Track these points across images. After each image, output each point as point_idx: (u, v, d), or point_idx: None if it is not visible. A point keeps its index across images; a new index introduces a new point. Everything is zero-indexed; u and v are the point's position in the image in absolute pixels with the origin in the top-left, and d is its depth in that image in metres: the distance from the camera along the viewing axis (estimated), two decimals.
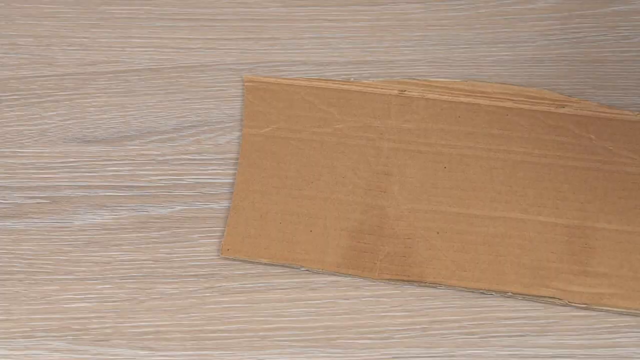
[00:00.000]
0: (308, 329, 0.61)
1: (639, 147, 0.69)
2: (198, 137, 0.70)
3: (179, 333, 0.61)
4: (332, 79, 0.71)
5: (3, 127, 0.71)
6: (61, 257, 0.64)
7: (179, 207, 0.66)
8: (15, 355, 0.60)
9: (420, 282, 0.63)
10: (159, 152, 0.69)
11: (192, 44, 0.75)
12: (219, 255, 0.64)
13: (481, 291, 0.63)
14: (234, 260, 0.64)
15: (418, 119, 0.70)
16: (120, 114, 0.71)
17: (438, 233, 0.65)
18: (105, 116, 0.71)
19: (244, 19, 0.75)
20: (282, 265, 0.64)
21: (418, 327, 0.62)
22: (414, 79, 0.73)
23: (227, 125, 0.70)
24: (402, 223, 0.65)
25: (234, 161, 0.69)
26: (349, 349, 0.61)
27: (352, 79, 0.70)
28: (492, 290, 0.62)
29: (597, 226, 0.65)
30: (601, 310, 0.62)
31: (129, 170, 0.68)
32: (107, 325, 0.62)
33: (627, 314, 0.62)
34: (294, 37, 0.73)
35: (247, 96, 0.70)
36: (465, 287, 0.63)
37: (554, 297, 0.62)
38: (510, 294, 0.62)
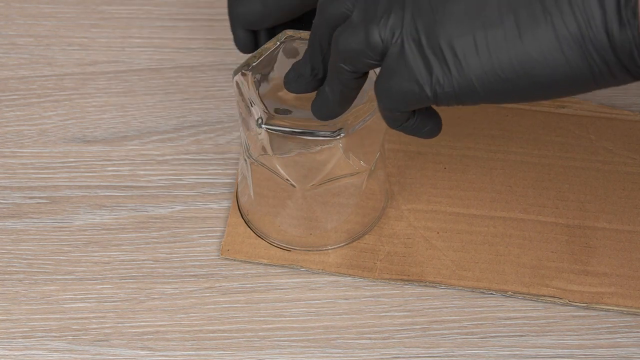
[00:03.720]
0: (308, 329, 0.61)
1: (639, 147, 0.69)
2: (198, 137, 0.70)
3: (178, 333, 0.61)
4: None
5: (3, 127, 0.71)
6: (61, 257, 0.64)
7: (179, 207, 0.66)
8: (14, 355, 0.60)
9: (420, 282, 0.63)
10: (158, 152, 0.69)
11: (192, 44, 0.75)
12: (218, 255, 0.64)
13: (481, 291, 0.63)
14: (234, 260, 0.64)
15: None
16: (120, 114, 0.71)
17: (438, 233, 0.65)
18: (105, 116, 0.71)
19: None
20: (282, 266, 0.64)
21: (418, 327, 0.62)
22: None
23: (227, 125, 0.70)
24: (402, 223, 0.65)
25: (234, 161, 0.69)
26: (349, 349, 0.61)
27: None
28: (492, 290, 0.62)
29: (597, 226, 0.65)
30: (601, 310, 0.62)
31: (128, 170, 0.68)
32: (106, 325, 0.62)
33: (627, 314, 0.62)
34: None
35: None
36: (465, 287, 0.63)
37: (554, 297, 0.62)
38: (510, 293, 0.62)
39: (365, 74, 0.53)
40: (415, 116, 0.52)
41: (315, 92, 0.55)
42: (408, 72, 0.49)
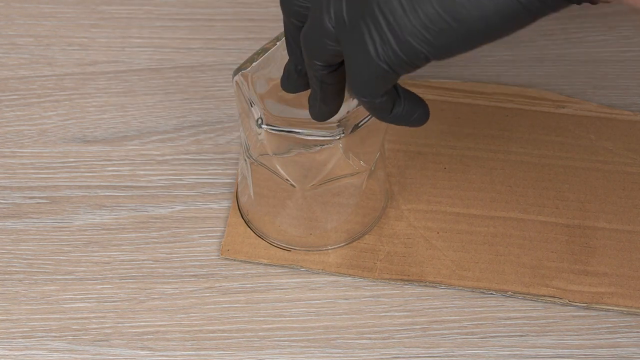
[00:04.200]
0: (308, 329, 0.61)
1: (639, 147, 0.69)
2: (198, 137, 0.70)
3: (178, 333, 0.61)
4: None
5: (3, 127, 0.71)
6: (61, 257, 0.64)
7: (179, 207, 0.66)
8: (14, 355, 0.60)
9: (420, 282, 0.63)
10: (158, 152, 0.69)
11: (192, 44, 0.75)
12: (218, 255, 0.64)
13: (481, 291, 0.63)
14: (234, 260, 0.64)
15: None
16: (120, 114, 0.71)
17: (438, 233, 0.65)
18: (105, 116, 0.71)
19: (244, 19, 0.75)
20: (282, 266, 0.64)
21: (418, 327, 0.62)
22: (414, 80, 0.73)
23: (227, 125, 0.70)
24: (402, 223, 0.65)
25: (234, 161, 0.69)
26: (349, 349, 0.61)
27: None
28: (492, 290, 0.62)
29: (597, 226, 0.65)
30: (601, 310, 0.62)
31: (128, 170, 0.68)
32: (106, 325, 0.62)
33: (628, 314, 0.62)
34: None
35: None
36: (465, 287, 0.63)
37: (554, 297, 0.62)
38: (510, 293, 0.62)
39: (340, 66, 0.52)
40: (403, 103, 0.52)
41: None
42: (361, 50, 0.48)
